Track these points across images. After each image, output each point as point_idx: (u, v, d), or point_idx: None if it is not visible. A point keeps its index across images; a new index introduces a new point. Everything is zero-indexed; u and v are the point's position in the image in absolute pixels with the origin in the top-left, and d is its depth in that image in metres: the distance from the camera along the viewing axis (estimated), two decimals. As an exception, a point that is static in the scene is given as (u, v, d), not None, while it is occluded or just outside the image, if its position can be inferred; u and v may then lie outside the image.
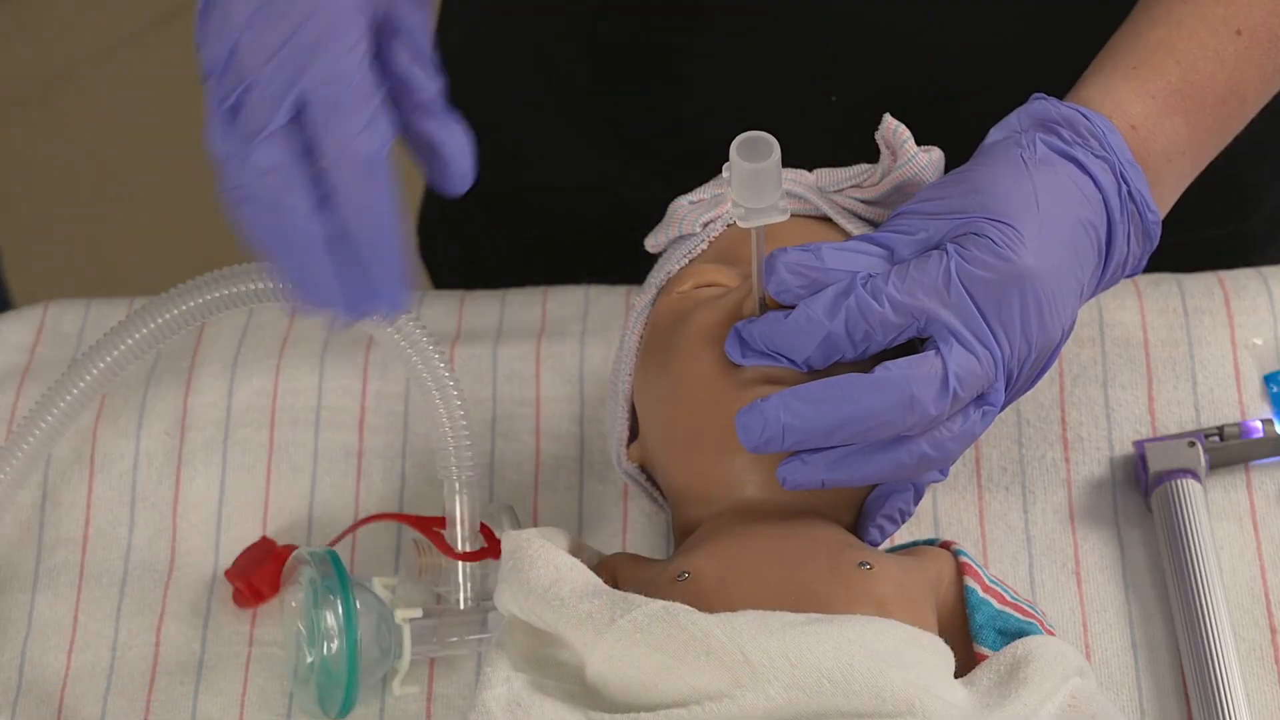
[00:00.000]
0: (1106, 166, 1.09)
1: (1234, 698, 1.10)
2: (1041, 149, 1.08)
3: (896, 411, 1.02)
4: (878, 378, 1.03)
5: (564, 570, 1.05)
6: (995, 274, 1.04)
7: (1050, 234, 1.05)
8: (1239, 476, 1.20)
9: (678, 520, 1.13)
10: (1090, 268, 1.08)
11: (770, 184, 1.01)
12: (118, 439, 1.25)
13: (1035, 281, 1.04)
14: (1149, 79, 1.12)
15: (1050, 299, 1.05)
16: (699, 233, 1.15)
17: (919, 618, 1.04)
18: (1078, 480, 1.21)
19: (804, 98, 1.32)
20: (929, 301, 1.03)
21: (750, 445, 1.03)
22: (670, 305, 1.13)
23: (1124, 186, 1.09)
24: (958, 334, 1.03)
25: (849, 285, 1.04)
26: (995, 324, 1.04)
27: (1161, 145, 1.12)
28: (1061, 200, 1.07)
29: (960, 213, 1.06)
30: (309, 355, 1.28)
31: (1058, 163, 1.08)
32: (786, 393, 1.03)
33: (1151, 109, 1.12)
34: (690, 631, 0.99)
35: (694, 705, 0.98)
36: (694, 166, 1.20)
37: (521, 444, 1.25)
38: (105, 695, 1.17)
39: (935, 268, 1.04)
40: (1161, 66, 1.12)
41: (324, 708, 1.13)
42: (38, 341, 1.31)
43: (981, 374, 1.04)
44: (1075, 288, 1.07)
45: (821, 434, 1.03)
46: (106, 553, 1.22)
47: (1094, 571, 1.18)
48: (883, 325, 1.04)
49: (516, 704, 1.01)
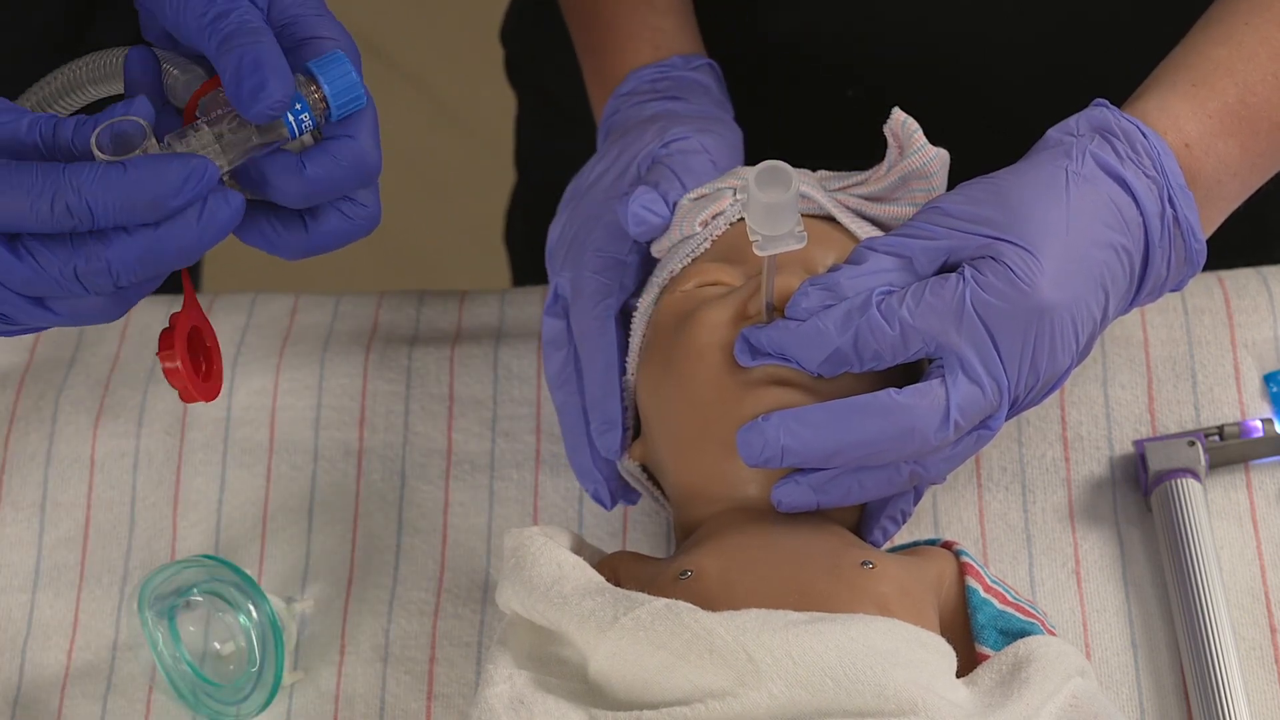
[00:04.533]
0: (1154, 188, 1.09)
1: (1234, 697, 1.10)
2: (1089, 165, 1.08)
3: (896, 441, 1.04)
4: (881, 406, 1.04)
5: (566, 568, 1.05)
6: (1010, 305, 1.04)
7: (1074, 263, 1.06)
8: (1239, 476, 1.20)
9: (679, 519, 1.13)
10: (1120, 291, 1.08)
11: (788, 213, 1.02)
12: (118, 439, 1.25)
13: (1050, 314, 1.05)
14: (1207, 98, 1.12)
15: (1063, 331, 1.06)
16: (700, 232, 1.15)
17: (921, 617, 1.04)
18: (1078, 480, 1.21)
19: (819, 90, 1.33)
20: (940, 328, 1.04)
21: (750, 462, 1.05)
22: (673, 304, 1.13)
23: (1169, 211, 1.09)
24: (966, 364, 1.04)
25: (865, 302, 1.05)
26: (1006, 354, 1.05)
27: (1213, 166, 1.12)
28: (1095, 224, 1.07)
29: (986, 226, 1.06)
30: (309, 354, 1.28)
31: (1101, 181, 1.08)
32: (788, 414, 1.04)
33: (1207, 129, 1.12)
34: (693, 629, 0.99)
35: (697, 703, 0.98)
36: None
37: (521, 444, 1.25)
38: (105, 695, 1.17)
39: (950, 293, 1.04)
40: (1220, 87, 1.13)
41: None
42: (38, 341, 1.31)
43: (985, 404, 1.05)
44: (1092, 317, 1.07)
45: (820, 457, 1.04)
46: (106, 553, 1.22)
47: (1094, 571, 1.18)
48: (892, 348, 1.05)
49: (519, 701, 1.01)
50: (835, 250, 1.13)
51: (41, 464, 1.25)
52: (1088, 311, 1.07)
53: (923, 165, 1.12)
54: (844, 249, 1.14)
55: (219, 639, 1.14)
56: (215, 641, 1.14)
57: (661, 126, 1.19)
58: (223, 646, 1.14)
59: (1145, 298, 1.11)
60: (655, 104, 1.24)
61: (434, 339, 1.30)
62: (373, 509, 1.23)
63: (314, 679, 1.17)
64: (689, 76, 1.26)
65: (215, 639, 1.14)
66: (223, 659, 1.14)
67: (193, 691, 1.13)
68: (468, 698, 1.15)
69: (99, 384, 1.28)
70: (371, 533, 1.22)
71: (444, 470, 1.24)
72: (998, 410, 1.06)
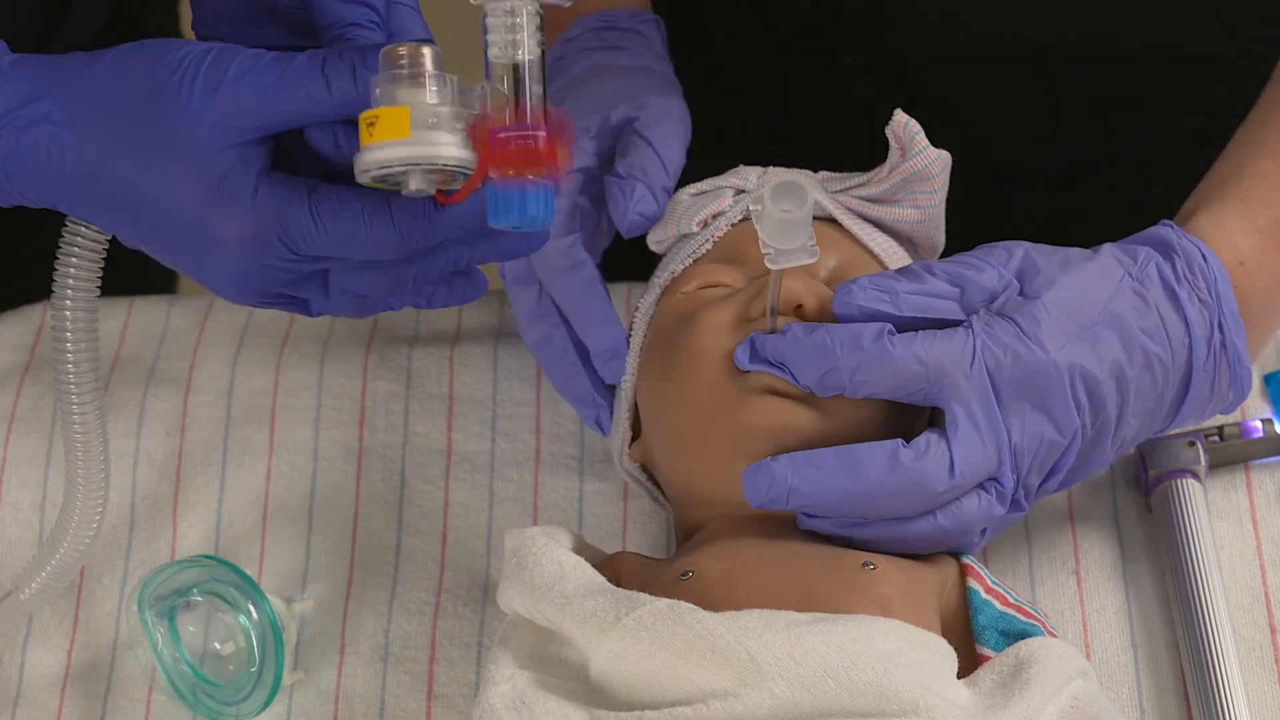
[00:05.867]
0: (1205, 313, 1.09)
1: (1234, 697, 1.10)
2: (1151, 274, 1.08)
3: (903, 492, 1.04)
4: (891, 457, 1.03)
5: (568, 568, 1.05)
6: (1015, 360, 1.04)
7: (1090, 340, 1.06)
8: (1239, 476, 1.21)
9: (680, 520, 1.13)
10: (1147, 401, 1.08)
11: (801, 228, 1.02)
12: (118, 439, 1.25)
13: (1054, 373, 1.05)
14: (1257, 211, 1.13)
15: (1064, 401, 1.05)
16: (702, 232, 1.15)
17: (922, 618, 1.04)
18: (1078, 480, 1.21)
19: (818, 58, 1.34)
20: (950, 373, 1.04)
21: (755, 503, 1.05)
22: (675, 305, 1.13)
23: (1218, 336, 1.10)
24: (969, 413, 1.04)
25: (879, 331, 1.05)
26: (1006, 406, 1.04)
27: (1266, 282, 1.13)
28: (1129, 323, 1.07)
29: (1029, 276, 1.07)
30: (309, 354, 1.28)
31: (1156, 294, 1.08)
32: (798, 456, 1.04)
33: (1258, 244, 1.13)
34: (695, 630, 0.99)
35: (699, 704, 0.98)
36: (714, 155, 1.21)
37: (521, 444, 1.25)
38: (105, 695, 1.17)
39: (961, 343, 1.04)
40: (1268, 199, 1.14)
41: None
42: (38, 341, 1.31)
43: (984, 456, 1.04)
44: (1102, 399, 1.06)
45: (827, 502, 1.04)
46: (107, 553, 1.22)
47: (1094, 571, 1.18)
48: (890, 383, 1.04)
49: (521, 702, 1.01)
50: (837, 252, 1.13)
51: (41, 464, 1.25)
52: (1100, 394, 1.06)
53: (924, 167, 1.13)
54: (845, 251, 1.14)
55: (219, 639, 1.14)
56: (215, 641, 1.14)
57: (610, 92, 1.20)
58: (223, 646, 1.14)
59: (1187, 419, 1.11)
60: (599, 54, 1.25)
61: (434, 339, 1.30)
62: (373, 509, 1.23)
63: (314, 679, 1.17)
64: (635, 29, 1.27)
65: (215, 639, 1.14)
66: (223, 659, 1.14)
67: (193, 691, 1.13)
68: (468, 698, 1.15)
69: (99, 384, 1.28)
70: (371, 533, 1.22)
71: (444, 470, 1.24)
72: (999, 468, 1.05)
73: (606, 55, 1.24)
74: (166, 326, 1.31)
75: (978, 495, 1.05)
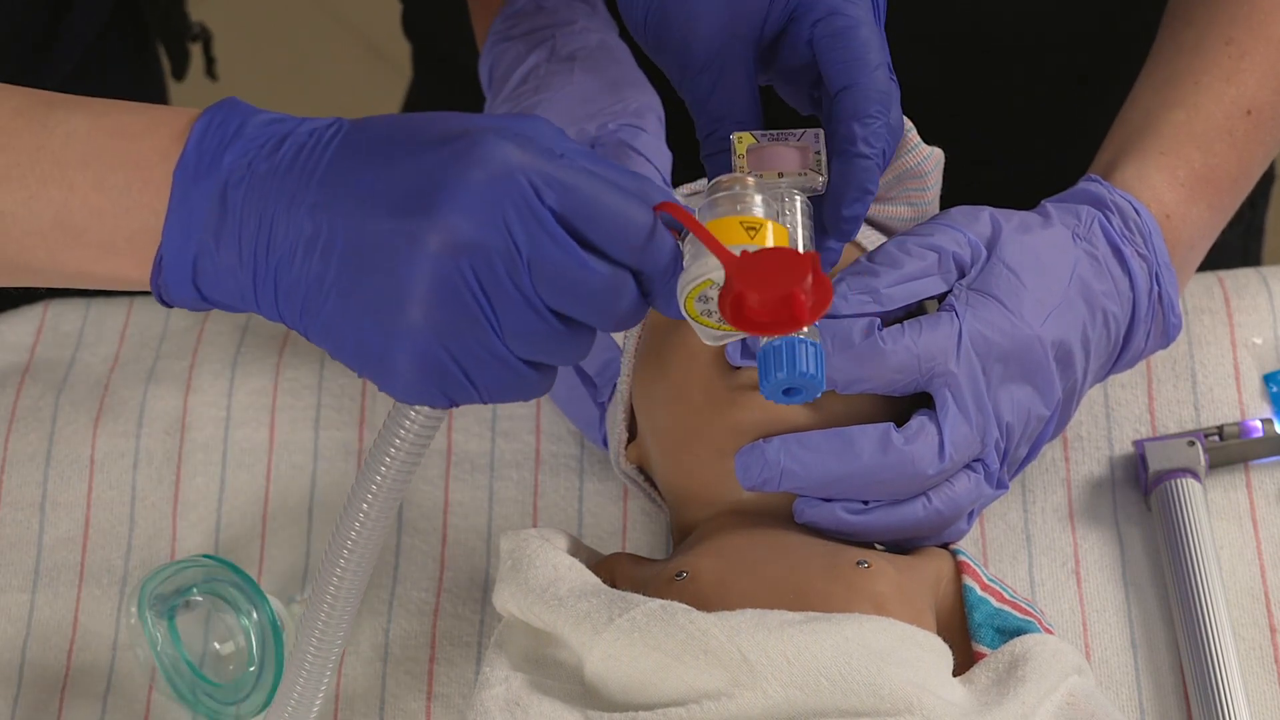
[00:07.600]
0: (1145, 267, 1.11)
1: (1234, 698, 1.10)
2: (1096, 233, 1.11)
3: (894, 473, 1.05)
4: (882, 439, 1.04)
5: (562, 570, 1.05)
6: (1002, 336, 1.06)
7: (1065, 311, 1.08)
8: (1239, 476, 1.20)
9: (676, 521, 1.13)
10: (1100, 357, 1.11)
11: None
12: (118, 439, 1.25)
13: (1038, 347, 1.06)
14: (1176, 166, 1.15)
15: (1047, 373, 1.07)
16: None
17: (917, 616, 1.04)
18: (1077, 480, 1.21)
19: None
20: (940, 359, 1.05)
21: (747, 485, 1.06)
22: (669, 305, 1.13)
23: (1155, 289, 1.12)
24: (957, 396, 1.05)
25: (868, 327, 1.05)
26: (994, 385, 1.06)
27: (1189, 234, 1.15)
28: (1094, 290, 1.09)
29: (995, 241, 1.08)
30: (309, 354, 1.28)
31: (1103, 251, 1.10)
32: (790, 438, 1.05)
33: (1180, 197, 1.15)
34: (688, 630, 0.99)
35: (692, 704, 0.98)
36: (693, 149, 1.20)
37: (521, 444, 1.25)
38: (105, 695, 1.17)
39: (947, 327, 1.05)
40: (1185, 153, 1.15)
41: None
42: (37, 341, 1.31)
43: (972, 437, 1.06)
44: (1073, 368, 1.09)
45: (819, 484, 1.05)
46: (106, 553, 1.22)
47: (1094, 571, 1.18)
48: (886, 379, 1.05)
49: (515, 703, 1.01)
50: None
51: (41, 464, 1.25)
52: (1070, 360, 1.09)
53: (918, 164, 1.13)
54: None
55: (219, 639, 1.14)
56: (215, 641, 1.14)
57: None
58: (223, 646, 1.14)
59: (1121, 367, 1.14)
60: (558, 36, 1.23)
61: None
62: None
63: (314, 679, 1.17)
64: None
65: (215, 639, 1.14)
66: (223, 659, 1.14)
67: (192, 691, 1.13)
68: (468, 698, 1.15)
69: (99, 384, 1.28)
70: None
71: (444, 470, 1.24)
72: (984, 449, 1.07)
73: (566, 38, 1.22)
74: (166, 326, 1.31)
75: (966, 475, 1.07)
